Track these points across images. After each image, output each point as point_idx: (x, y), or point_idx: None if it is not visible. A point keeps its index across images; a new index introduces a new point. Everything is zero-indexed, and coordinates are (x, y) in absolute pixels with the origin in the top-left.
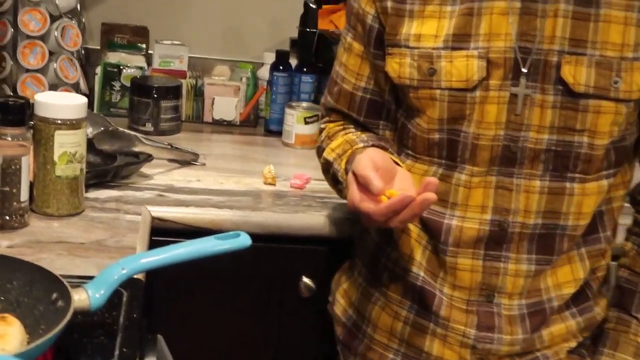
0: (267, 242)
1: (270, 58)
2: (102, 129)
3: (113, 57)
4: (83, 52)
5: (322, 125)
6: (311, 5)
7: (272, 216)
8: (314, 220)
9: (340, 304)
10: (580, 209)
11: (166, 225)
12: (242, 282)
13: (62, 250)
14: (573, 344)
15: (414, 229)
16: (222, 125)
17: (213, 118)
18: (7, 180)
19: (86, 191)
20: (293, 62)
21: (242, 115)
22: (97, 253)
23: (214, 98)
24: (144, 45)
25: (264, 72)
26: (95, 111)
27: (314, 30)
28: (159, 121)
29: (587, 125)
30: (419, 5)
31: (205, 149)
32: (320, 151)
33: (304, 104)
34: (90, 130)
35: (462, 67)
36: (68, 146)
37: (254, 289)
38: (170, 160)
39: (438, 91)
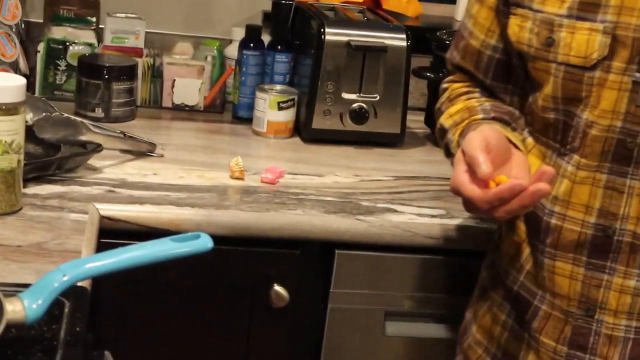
0: (233, 244)
1: (239, 34)
2: (44, 114)
3: (58, 32)
4: (23, 26)
5: (445, 85)
6: None
7: (239, 215)
8: (287, 219)
9: None
10: None
11: (117, 225)
12: (204, 291)
13: None
14: None
15: (520, 225)
16: (184, 111)
17: (173, 103)
18: None
19: (25, 186)
20: (266, 38)
21: (207, 99)
22: (36, 257)
23: (174, 80)
24: (94, 19)
25: (233, 50)
26: (36, 94)
27: (290, 1)
28: (111, 106)
29: None
30: None
31: (164, 138)
32: (438, 114)
33: (278, 87)
34: (30, 116)
35: (583, 41)
36: (3, 134)
37: (219, 298)
38: (123, 151)
39: (554, 65)
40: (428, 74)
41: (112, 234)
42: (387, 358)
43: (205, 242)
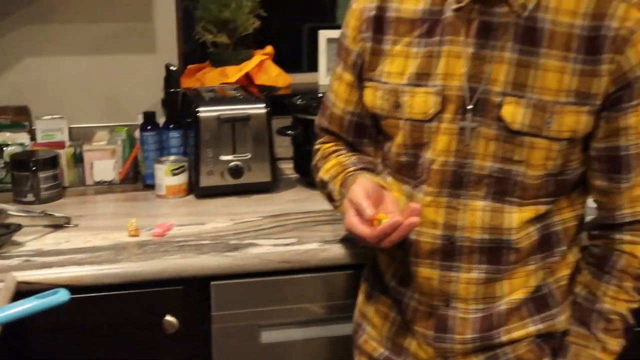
0: (129, 289)
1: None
2: None
3: None
4: None
5: (317, 146)
6: (172, 68)
7: (128, 266)
8: (168, 264)
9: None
10: (520, 228)
11: (32, 287)
12: (113, 329)
13: None
14: (532, 346)
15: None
16: (104, 186)
17: (94, 180)
18: None
19: None
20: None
21: (121, 174)
22: None
23: (92, 162)
24: (27, 123)
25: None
26: None
27: (177, 90)
28: (39, 191)
29: (523, 157)
30: (391, 45)
31: (88, 209)
32: (316, 170)
33: (172, 158)
34: None
35: (422, 101)
36: None
37: (122, 333)
38: (46, 226)
39: (402, 121)
40: (289, 132)
41: (31, 293)
42: None
43: (63, 296)
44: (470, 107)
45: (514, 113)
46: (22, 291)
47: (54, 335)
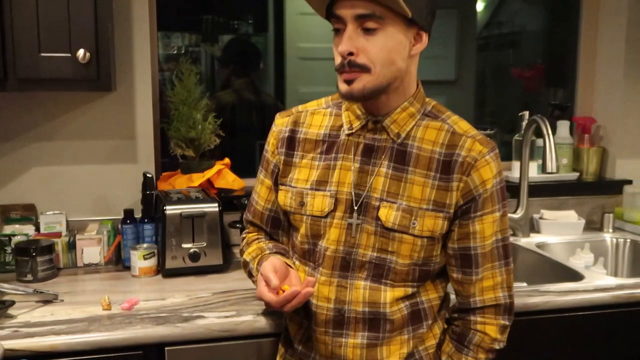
0: (98, 354)
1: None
2: None
3: (8, 229)
4: None
5: (243, 235)
6: (148, 175)
7: (98, 335)
8: (130, 333)
9: None
10: (392, 303)
11: (17, 353)
12: None
13: None
14: None
15: (298, 312)
16: (91, 267)
17: (83, 263)
18: None
19: None
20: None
21: (106, 258)
22: None
23: (82, 249)
24: (33, 217)
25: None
26: None
27: (152, 192)
28: (37, 272)
29: (395, 249)
30: (299, 159)
31: (76, 286)
32: (241, 253)
33: (145, 245)
34: None
35: (320, 202)
36: None
37: None
38: (37, 301)
39: (305, 216)
40: (237, 225)
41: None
42: None
43: None
44: (356, 208)
45: (387, 214)
46: (9, 357)
47: None
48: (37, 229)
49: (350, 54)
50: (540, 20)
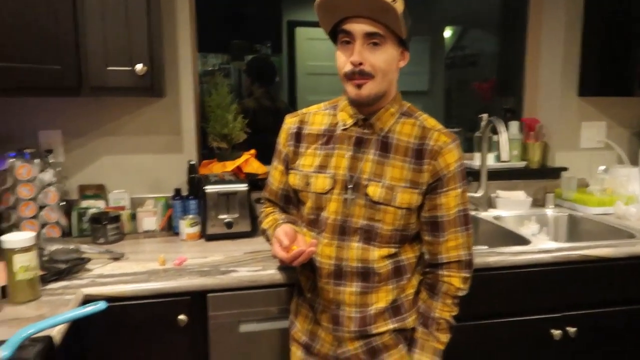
0: (156, 298)
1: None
2: (60, 247)
3: (85, 203)
4: (65, 203)
5: (261, 209)
6: (192, 162)
7: (154, 284)
8: (180, 283)
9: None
10: (379, 260)
11: (94, 298)
12: (144, 324)
13: (17, 323)
14: (392, 336)
15: (307, 267)
16: (150, 233)
17: (143, 230)
18: None
19: (47, 284)
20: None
21: (160, 226)
22: (36, 320)
23: (142, 219)
24: (103, 194)
25: (172, 201)
26: (73, 236)
27: (195, 175)
28: (108, 236)
29: (380, 218)
30: (304, 149)
31: (137, 248)
32: (260, 223)
33: (190, 216)
34: (53, 248)
35: (322, 182)
36: (23, 262)
37: (151, 326)
38: (108, 259)
39: (310, 193)
40: (261, 201)
41: (91, 301)
42: (243, 345)
43: (102, 306)
44: (350, 186)
45: (374, 191)
46: (87, 300)
47: (112, 330)
48: (107, 204)
49: (360, 63)
50: (494, 44)
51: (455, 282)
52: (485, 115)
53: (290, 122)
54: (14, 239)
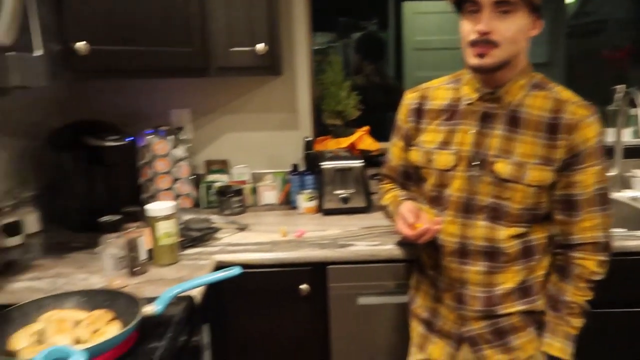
0: (280, 267)
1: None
2: (193, 216)
3: (210, 177)
4: (194, 176)
5: (380, 186)
6: (308, 139)
7: (278, 253)
8: (302, 253)
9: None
10: (506, 240)
11: (225, 264)
12: (267, 292)
13: (163, 283)
14: (521, 318)
15: (429, 244)
16: (269, 206)
17: (263, 203)
18: (132, 250)
19: (184, 250)
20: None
21: (279, 200)
22: (178, 281)
23: (262, 193)
24: (227, 169)
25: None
26: (201, 208)
27: (311, 152)
28: (232, 209)
29: (509, 196)
30: (426, 125)
31: (258, 220)
32: (379, 199)
33: (307, 191)
34: (188, 218)
35: (444, 159)
36: (166, 229)
37: (274, 294)
38: (234, 229)
39: (432, 170)
40: (376, 177)
41: (222, 267)
42: (361, 317)
43: (236, 271)
44: (475, 163)
45: (502, 168)
46: (219, 267)
47: (238, 294)
48: (230, 178)
49: (486, 32)
50: (625, 8)
51: (589, 265)
52: (621, 87)
53: (410, 98)
54: (158, 207)
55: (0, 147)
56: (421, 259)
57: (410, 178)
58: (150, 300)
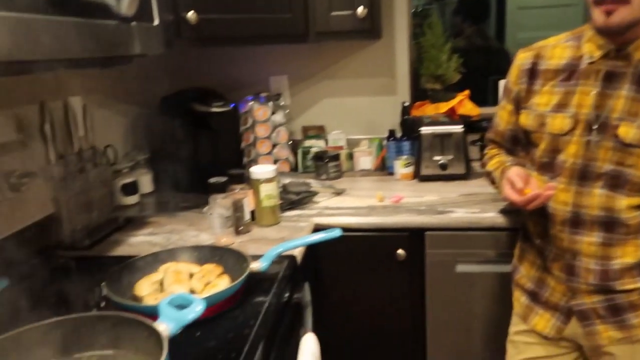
0: (376, 232)
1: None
2: (292, 180)
3: (307, 143)
4: (291, 142)
5: (485, 151)
6: (405, 104)
7: (376, 219)
8: (399, 219)
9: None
10: (627, 210)
11: (323, 227)
12: (364, 255)
13: (265, 243)
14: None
15: (536, 212)
16: (365, 172)
17: (359, 169)
18: (238, 210)
19: (283, 212)
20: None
21: (374, 165)
22: (279, 242)
23: (358, 158)
24: (323, 135)
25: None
26: (299, 172)
27: (408, 117)
28: (329, 173)
29: (633, 163)
30: (540, 87)
31: (354, 185)
32: (483, 165)
33: (404, 157)
34: (287, 181)
35: (559, 122)
36: (268, 191)
37: (371, 258)
38: (331, 193)
39: (545, 134)
40: (478, 143)
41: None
42: (459, 285)
43: (337, 233)
44: (595, 127)
45: (627, 132)
46: (317, 229)
47: (335, 257)
48: (327, 143)
49: None
50: None
51: None
52: None
53: (523, 58)
54: (261, 170)
55: (122, 113)
56: (527, 228)
57: (518, 143)
58: (255, 257)
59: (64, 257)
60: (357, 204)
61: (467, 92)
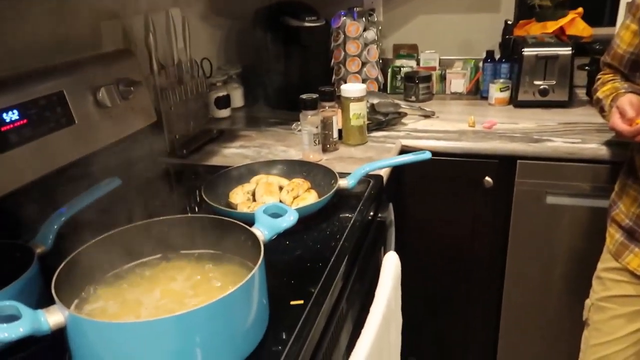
0: (465, 157)
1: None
2: (381, 100)
3: (398, 62)
4: (381, 61)
5: (599, 76)
6: (508, 22)
7: (466, 144)
8: (491, 145)
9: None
10: None
11: (410, 149)
12: (452, 180)
13: (352, 161)
14: None
15: None
16: (456, 95)
17: (450, 91)
18: (326, 128)
19: (370, 132)
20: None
21: (467, 88)
22: (366, 161)
23: (451, 80)
24: (415, 54)
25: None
26: (387, 92)
27: (510, 37)
28: (419, 95)
29: None
30: None
31: (445, 108)
32: (594, 92)
33: (501, 80)
34: (376, 101)
35: None
36: (356, 110)
37: (458, 184)
38: (420, 115)
39: None
40: (586, 68)
41: (407, 152)
42: (547, 216)
43: (426, 155)
44: None
45: None
46: (404, 151)
47: (420, 181)
48: (418, 63)
49: None
50: None
51: None
52: None
53: None
54: (351, 89)
55: (217, 26)
56: (633, 162)
57: (638, 69)
58: (342, 175)
59: (164, 164)
60: (446, 127)
61: (580, 9)
